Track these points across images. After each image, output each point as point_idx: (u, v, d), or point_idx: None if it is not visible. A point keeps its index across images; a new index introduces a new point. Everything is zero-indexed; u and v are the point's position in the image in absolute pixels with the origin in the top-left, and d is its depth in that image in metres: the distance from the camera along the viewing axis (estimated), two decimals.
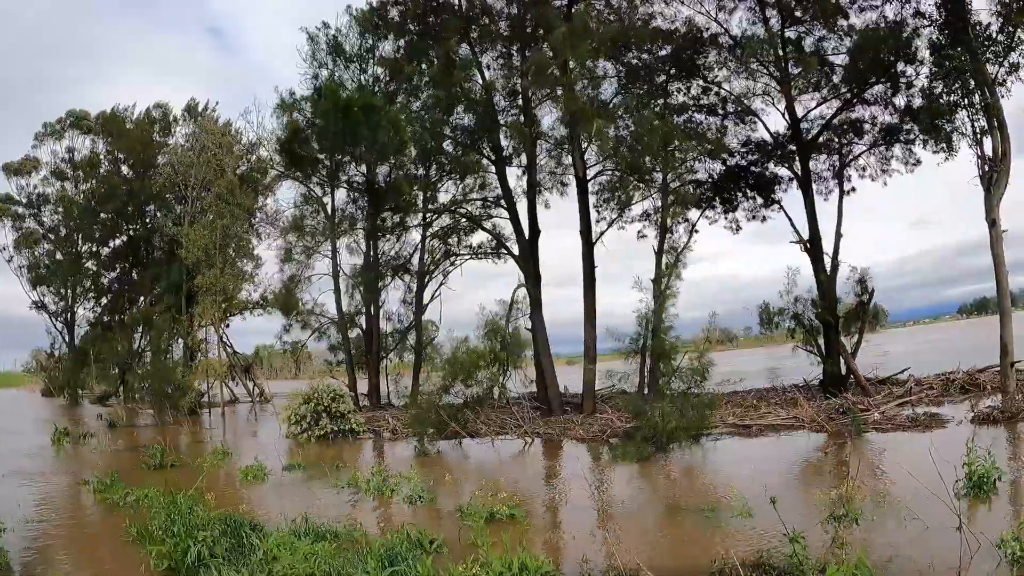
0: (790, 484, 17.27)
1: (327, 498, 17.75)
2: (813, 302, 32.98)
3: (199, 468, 23.34)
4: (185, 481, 20.43)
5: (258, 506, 17.63)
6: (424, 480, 17.99)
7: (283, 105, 38.90)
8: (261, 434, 33.48)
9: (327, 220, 39.57)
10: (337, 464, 23.52)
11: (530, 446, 26.94)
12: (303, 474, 22.55)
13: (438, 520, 14.54)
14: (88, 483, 20.24)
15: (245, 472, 21.77)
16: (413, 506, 16.33)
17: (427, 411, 26.92)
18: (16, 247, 56.70)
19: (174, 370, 38.98)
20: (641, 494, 17.65)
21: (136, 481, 20.40)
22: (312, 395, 30.42)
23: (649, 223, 38.16)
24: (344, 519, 14.48)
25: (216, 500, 15.65)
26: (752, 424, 26.44)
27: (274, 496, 18.99)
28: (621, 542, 12.00)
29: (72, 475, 22.99)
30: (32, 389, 68.25)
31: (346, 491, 18.62)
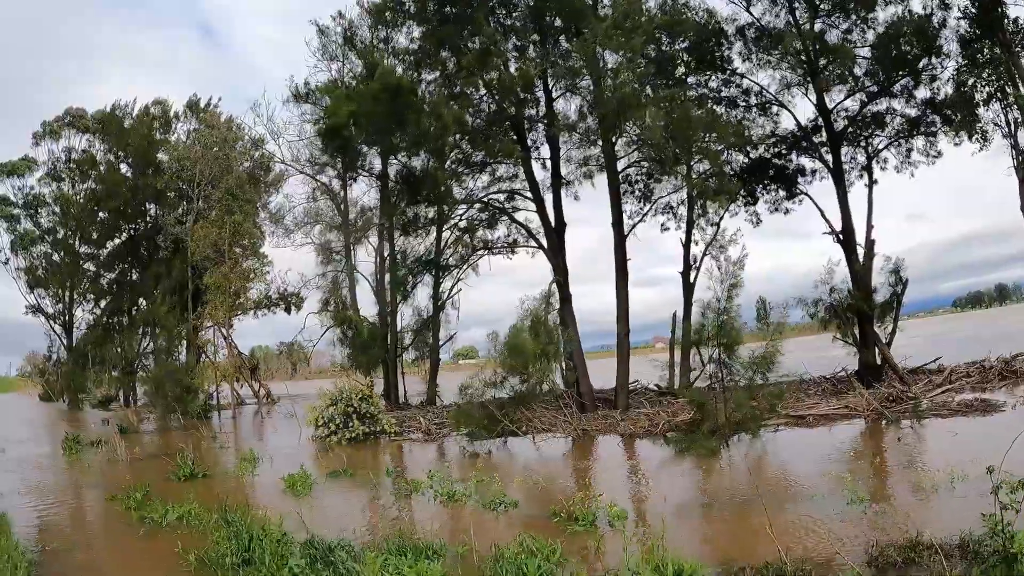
0: (891, 470, 16.26)
1: (391, 507, 15.79)
2: (849, 292, 30.85)
3: (232, 477, 20.50)
4: (221, 492, 17.78)
5: (320, 520, 14.65)
6: (491, 482, 15.85)
7: (298, 96, 35.93)
8: (281, 437, 30.35)
9: (342, 215, 36.55)
10: (387, 469, 20.76)
11: (578, 443, 24.71)
12: (350, 480, 19.85)
13: (536, 527, 12.19)
14: (118, 498, 17.24)
15: (288, 481, 18.92)
16: (496, 512, 14.19)
17: (475, 408, 24.08)
18: (12, 249, 52.71)
19: (185, 372, 35.63)
20: (735, 486, 16.12)
21: (169, 495, 17.48)
22: (340, 396, 27.44)
23: (672, 216, 35.85)
24: (433, 531, 12.28)
25: (268, 514, 13.62)
26: (806, 414, 24.87)
27: (331, 507, 16.63)
28: (758, 533, 10.69)
29: (96, 489, 19.87)
30: (29, 394, 64.02)
31: (411, 498, 16.54)
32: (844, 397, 26.82)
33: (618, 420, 27.01)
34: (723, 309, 23.77)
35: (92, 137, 50.82)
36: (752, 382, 22.19)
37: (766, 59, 34.09)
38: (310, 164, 37.61)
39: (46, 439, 32.48)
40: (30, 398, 61.02)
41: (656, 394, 32.52)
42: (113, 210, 47.83)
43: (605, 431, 26.19)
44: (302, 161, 37.72)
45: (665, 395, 31.98)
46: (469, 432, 24.06)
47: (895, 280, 31.40)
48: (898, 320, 31.43)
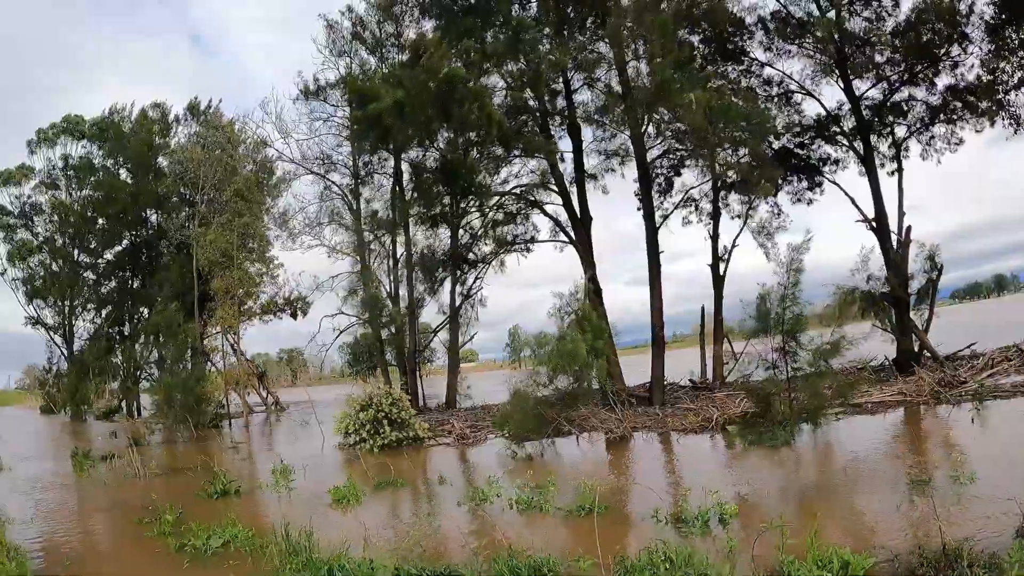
0: (989, 450, 14.97)
1: (462, 519, 13.65)
2: (885, 279, 28.78)
3: (268, 492, 17.91)
4: (261, 510, 16.22)
5: (390, 538, 12.59)
6: (563, 486, 14.39)
7: (308, 92, 33.21)
8: (302, 446, 27.50)
9: (355, 213, 33.80)
10: (440, 477, 18.15)
11: (632, 442, 22.64)
12: (403, 491, 17.67)
13: (642, 533, 11.09)
14: (147, 522, 14.58)
15: (335, 494, 16.48)
16: (585, 518, 12.05)
17: (523, 409, 21.53)
18: (10, 259, 49.18)
19: (198, 380, 32.62)
20: (835, 475, 14.92)
21: (204, 515, 14.83)
22: (370, 401, 24.76)
23: (695, 210, 33.54)
24: (535, 545, 10.17)
25: (329, 534, 11.72)
26: (862, 402, 23.29)
27: (396, 523, 14.33)
28: (880, 522, 10.31)
29: (118, 511, 17.03)
30: (30, 407, 60.31)
31: (481, 508, 14.28)
32: (892, 384, 25.51)
33: (664, 416, 24.88)
34: (786, 296, 21.59)
35: (89, 143, 47.52)
36: (819, 369, 19.95)
37: (786, 48, 32.12)
38: (320, 162, 34.81)
39: (53, 454, 29.46)
40: (31, 411, 57.30)
41: (691, 388, 30.16)
42: (113, 216, 44.66)
43: (655, 428, 24.19)
44: (312, 159, 34.93)
45: (701, 389, 29.68)
46: (517, 434, 21.46)
47: (930, 266, 29.61)
48: (934, 307, 29.45)
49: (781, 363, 21.67)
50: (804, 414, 19.11)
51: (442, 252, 32.94)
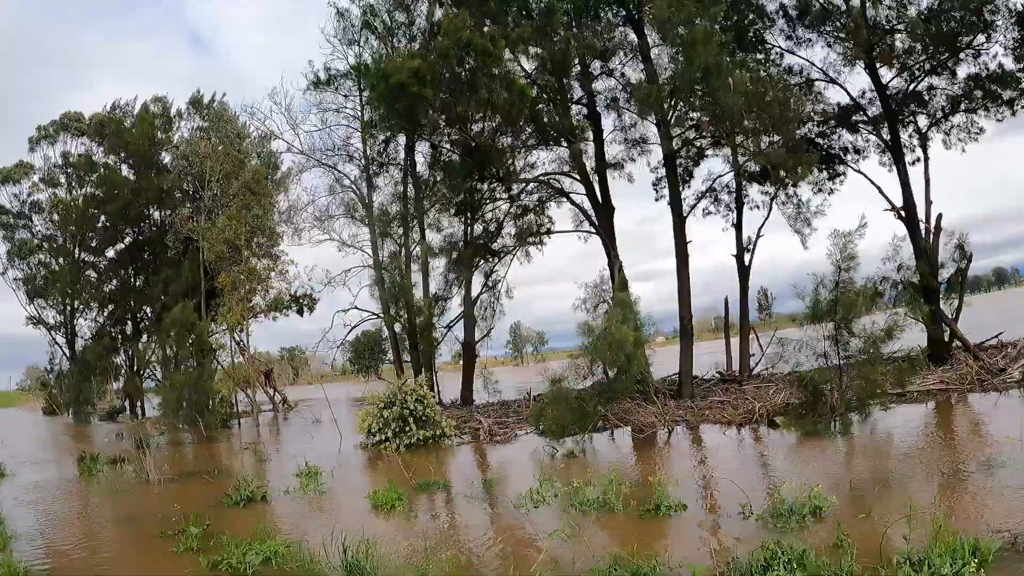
0: None
1: (527, 523, 12.09)
2: (914, 269, 27.13)
3: (297, 498, 16.11)
4: (295, 519, 14.10)
5: (456, 548, 10.77)
6: (622, 483, 12.79)
7: (318, 82, 31.05)
8: (319, 446, 25.33)
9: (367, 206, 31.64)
10: (484, 478, 16.39)
11: (673, 435, 21.29)
12: (446, 493, 16.03)
13: (739, 531, 9.99)
14: (170, 535, 12.63)
15: (374, 498, 14.69)
16: (666, 518, 11.34)
17: (563, 403, 19.60)
18: (10, 258, 46.49)
19: (206, 378, 30.31)
20: (911, 463, 13.94)
21: (232, 526, 12.89)
22: (394, 398, 22.71)
23: (714, 201, 31.65)
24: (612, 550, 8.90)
25: (382, 546, 9.93)
26: (906, 391, 22.21)
27: (454, 531, 12.56)
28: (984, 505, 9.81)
29: (135, 523, 14.92)
30: (31, 408, 57.47)
31: (540, 510, 12.84)
32: (932, 373, 24.68)
33: (700, 409, 23.50)
34: (839, 282, 19.94)
35: (89, 141, 44.95)
36: (872, 357, 19.42)
37: (807, 37, 30.43)
38: (331, 153, 32.58)
39: (58, 458, 27.14)
40: (33, 412, 54.47)
41: (719, 381, 28.29)
42: (114, 213, 42.14)
43: (695, 421, 22.62)
44: (323, 151, 32.71)
45: (728, 382, 27.87)
46: (556, 429, 19.50)
47: (959, 255, 27.91)
48: (963, 296, 27.79)
49: (831, 351, 20.46)
50: (856, 403, 18.34)
51: (462, 242, 30.68)
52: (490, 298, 31.92)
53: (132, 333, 45.94)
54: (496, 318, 32.30)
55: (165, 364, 35.69)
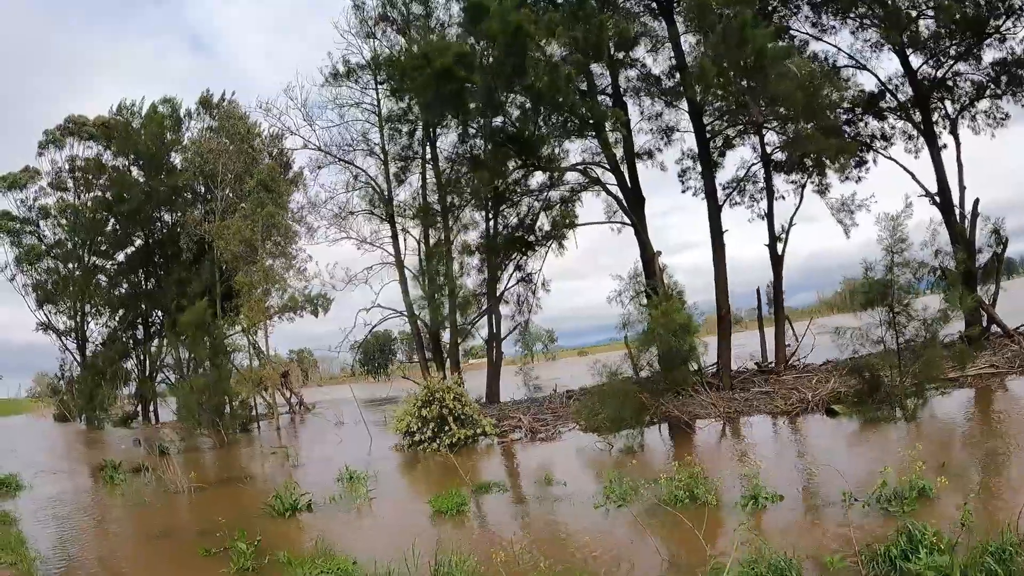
0: None
1: (621, 524, 10.75)
2: (951, 254, 25.51)
3: (345, 506, 14.27)
4: (353, 531, 12.39)
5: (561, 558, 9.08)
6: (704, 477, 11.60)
7: (336, 75, 29.07)
8: (349, 448, 23.31)
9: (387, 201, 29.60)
10: (547, 477, 14.68)
11: (729, 426, 19.74)
12: (511, 496, 14.20)
13: (849, 518, 8.74)
14: (217, 554, 10.74)
15: (436, 504, 12.95)
16: (764, 509, 10.33)
17: (619, 396, 17.72)
18: (18, 264, 43.95)
19: (228, 381, 28.15)
20: (990, 441, 13.03)
21: (281, 540, 11.53)
22: (432, 396, 20.74)
23: (739, 191, 29.85)
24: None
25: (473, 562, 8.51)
26: (957, 376, 20.48)
27: (547, 534, 10.93)
28: None
29: (173, 538, 12.92)
30: (42, 415, 54.85)
31: (623, 509, 11.35)
32: (980, 357, 22.90)
33: (748, 399, 21.87)
34: (891, 266, 18.29)
35: (96, 143, 42.59)
36: (930, 340, 18.19)
37: (831, 24, 28.83)
38: (349, 148, 30.46)
39: (76, 467, 25.01)
40: (44, 419, 51.88)
41: (756, 372, 26.46)
42: (125, 215, 39.87)
43: (748, 412, 20.94)
44: (341, 146, 30.60)
45: (765, 372, 26.11)
46: (611, 424, 17.62)
47: (995, 240, 26.36)
48: (1000, 280, 26.23)
49: (887, 336, 18.88)
50: (916, 387, 17.29)
51: (494, 233, 28.58)
52: (525, 291, 29.92)
53: (144, 337, 43.62)
54: (532, 312, 30.21)
55: (180, 367, 33.56)
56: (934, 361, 17.52)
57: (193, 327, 26.60)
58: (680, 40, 25.29)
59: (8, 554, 11.24)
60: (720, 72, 22.09)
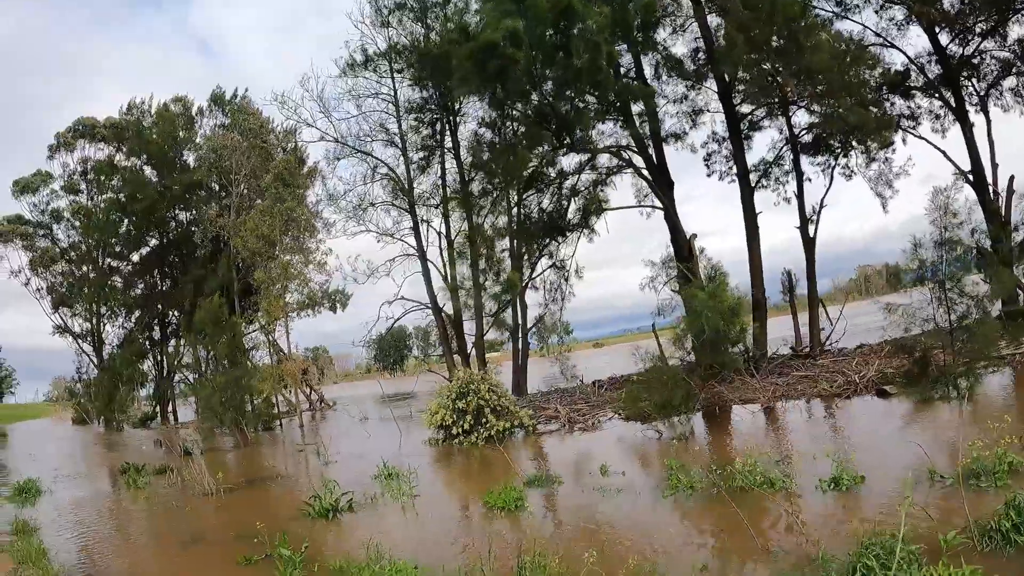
0: None
1: (703, 513, 9.84)
2: (987, 232, 24.04)
3: (388, 505, 12.83)
4: (402, 532, 10.86)
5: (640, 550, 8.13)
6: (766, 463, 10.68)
7: (353, 64, 27.63)
8: (377, 444, 21.87)
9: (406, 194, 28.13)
10: (602, 467, 13.27)
11: (777, 410, 18.39)
12: (563, 488, 12.70)
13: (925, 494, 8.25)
14: (259, 561, 9.55)
15: (490, 499, 11.57)
16: (846, 491, 9.51)
17: (667, 381, 16.32)
18: (32, 268, 42.49)
19: (251, 378, 26.68)
20: None
21: (326, 544, 10.36)
22: (467, 388, 19.31)
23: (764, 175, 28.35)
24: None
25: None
26: (1005, 354, 19.00)
27: (617, 526, 9.78)
28: None
29: (207, 544, 11.48)
30: (61, 418, 53.42)
31: (691, 498, 10.47)
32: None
33: (790, 384, 20.37)
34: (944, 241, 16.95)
35: (107, 145, 41.12)
36: (982, 317, 16.99)
37: (855, 3, 27.38)
38: (368, 139, 28.97)
39: (96, 469, 23.62)
40: (62, 423, 50.43)
41: (791, 356, 24.99)
42: (139, 215, 38.40)
43: (792, 396, 19.53)
44: (360, 137, 29.09)
45: (800, 357, 24.67)
46: (661, 410, 16.23)
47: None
48: None
49: (936, 315, 17.57)
50: (968, 365, 16.14)
51: (525, 220, 26.95)
52: (558, 278, 28.35)
53: (160, 338, 42.18)
54: (566, 300, 28.65)
55: (199, 366, 32.11)
56: (988, 338, 16.42)
57: (210, 324, 25.14)
58: (706, 18, 23.87)
59: (30, 567, 9.85)
60: (751, 43, 20.65)
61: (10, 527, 13.11)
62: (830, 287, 58.88)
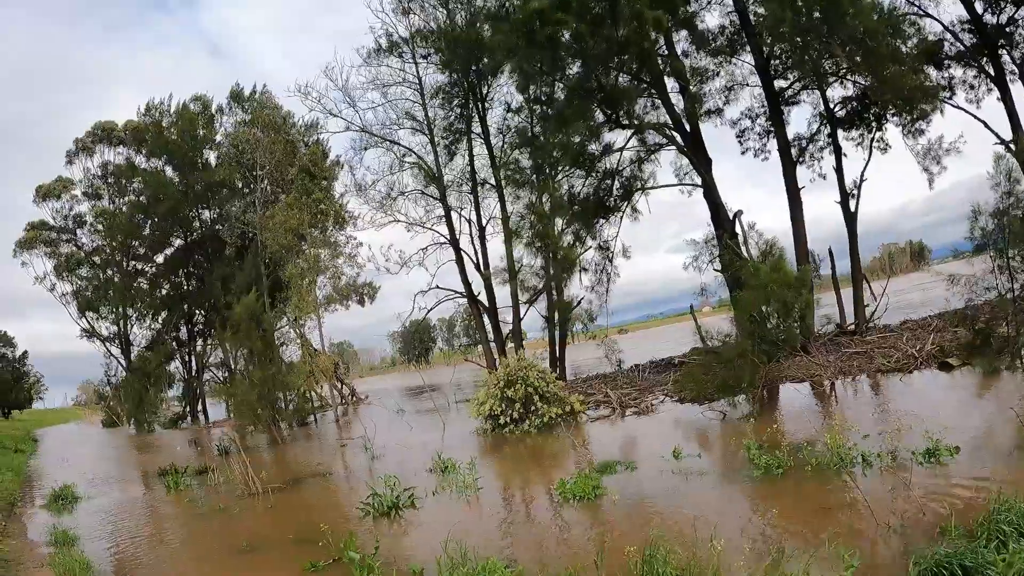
0: None
1: (790, 493, 9.00)
2: None
3: (450, 499, 11.63)
4: (475, 528, 9.33)
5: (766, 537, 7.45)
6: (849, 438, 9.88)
7: (379, 51, 26.16)
8: (425, 435, 20.47)
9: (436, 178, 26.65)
10: (675, 450, 12.19)
11: (833, 388, 17.21)
12: (636, 474, 11.61)
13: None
14: (324, 569, 8.40)
15: (565, 490, 10.42)
16: (944, 464, 8.80)
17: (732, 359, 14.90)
18: (57, 273, 41.24)
19: (287, 375, 25.31)
20: None
21: (391, 545, 9.14)
22: (515, 375, 17.89)
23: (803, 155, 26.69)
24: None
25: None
26: None
27: (723, 513, 8.66)
28: None
29: (266, 550, 10.11)
30: (90, 422, 52.30)
31: (782, 478, 9.59)
32: None
33: (842, 360, 19.04)
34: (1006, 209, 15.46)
35: (127, 148, 39.83)
36: None
37: None
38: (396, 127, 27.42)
39: (131, 472, 22.36)
40: (92, 426, 49.31)
41: (837, 334, 23.45)
42: (162, 216, 37.03)
43: (850, 372, 18.23)
44: (387, 126, 27.60)
45: (847, 334, 23.16)
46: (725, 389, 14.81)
47: None
48: None
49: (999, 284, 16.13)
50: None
51: (569, 199, 25.32)
52: (602, 259, 26.78)
53: (188, 337, 40.87)
54: (611, 281, 27.04)
55: (228, 364, 30.76)
56: None
57: (247, 320, 23.79)
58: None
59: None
60: (795, 10, 19.11)
61: (49, 537, 11.82)
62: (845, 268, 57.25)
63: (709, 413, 15.80)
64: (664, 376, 22.45)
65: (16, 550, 11.40)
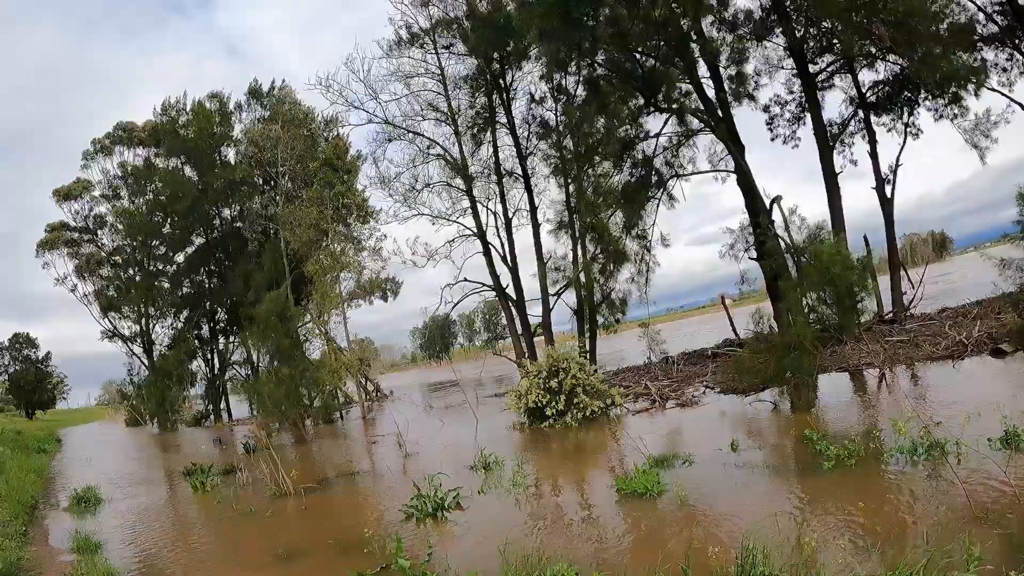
0: None
1: (877, 485, 7.97)
2: None
3: (498, 499, 10.49)
4: (536, 531, 8.42)
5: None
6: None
7: (400, 42, 25.00)
8: (458, 431, 19.29)
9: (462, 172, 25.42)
10: (733, 443, 11.21)
11: (884, 377, 15.68)
12: (695, 469, 10.43)
13: None
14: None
15: (625, 486, 9.41)
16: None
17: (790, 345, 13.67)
18: (79, 274, 40.37)
19: (314, 371, 24.17)
20: None
21: (442, 550, 7.95)
22: (557, 365, 16.70)
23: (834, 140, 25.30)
24: None
25: None
26: None
27: (798, 508, 7.82)
28: None
29: (307, 557, 8.93)
30: (114, 421, 51.40)
31: (856, 470, 8.57)
32: None
33: (889, 347, 17.72)
34: None
35: (145, 149, 38.86)
36: None
37: None
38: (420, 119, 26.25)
39: (155, 472, 21.23)
40: (115, 425, 48.41)
41: (876, 322, 22.14)
42: (181, 214, 36.04)
43: (900, 360, 16.96)
44: (411, 118, 26.40)
45: (886, 323, 21.87)
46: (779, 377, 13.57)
47: None
48: None
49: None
50: None
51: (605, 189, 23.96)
52: (640, 248, 25.41)
53: (210, 336, 39.90)
54: (651, 271, 25.70)
55: (251, 361, 29.71)
56: None
57: (274, 316, 22.67)
58: None
59: None
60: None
61: (71, 543, 10.68)
62: (875, 257, 55.78)
63: (758, 404, 14.65)
64: (700, 368, 21.25)
65: (37, 558, 10.28)
